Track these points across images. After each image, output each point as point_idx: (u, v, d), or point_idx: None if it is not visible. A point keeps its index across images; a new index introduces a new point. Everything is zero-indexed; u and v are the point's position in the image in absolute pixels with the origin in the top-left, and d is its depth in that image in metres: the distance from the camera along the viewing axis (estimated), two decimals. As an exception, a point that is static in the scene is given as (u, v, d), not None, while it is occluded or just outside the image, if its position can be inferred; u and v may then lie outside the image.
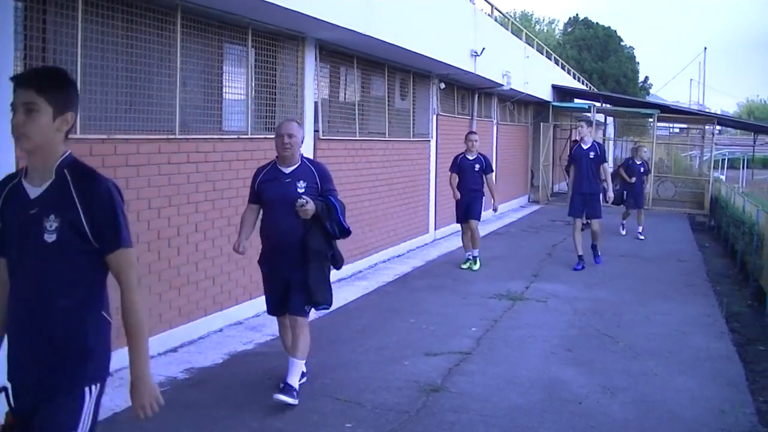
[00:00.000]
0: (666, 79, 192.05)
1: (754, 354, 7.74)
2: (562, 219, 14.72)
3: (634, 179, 15.96)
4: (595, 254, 12.52)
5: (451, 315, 8.80)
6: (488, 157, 11.93)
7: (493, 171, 11.93)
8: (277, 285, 5.90)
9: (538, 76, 21.87)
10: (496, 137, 19.79)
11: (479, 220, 11.96)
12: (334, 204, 5.74)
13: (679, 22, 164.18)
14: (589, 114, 24.15)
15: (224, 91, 8.29)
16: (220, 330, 7.83)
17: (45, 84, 2.88)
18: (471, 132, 12.64)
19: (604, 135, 31.33)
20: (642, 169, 16.48)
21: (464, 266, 11.92)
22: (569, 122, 26.75)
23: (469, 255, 12.00)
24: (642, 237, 15.90)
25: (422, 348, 7.40)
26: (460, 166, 11.70)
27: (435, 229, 15.03)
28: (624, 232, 16.48)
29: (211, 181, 7.68)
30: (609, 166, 13.22)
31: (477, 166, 11.65)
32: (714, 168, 24.88)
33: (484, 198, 11.93)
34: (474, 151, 11.68)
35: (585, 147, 12.06)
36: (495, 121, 19.71)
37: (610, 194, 12.15)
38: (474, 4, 15.01)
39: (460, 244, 14.41)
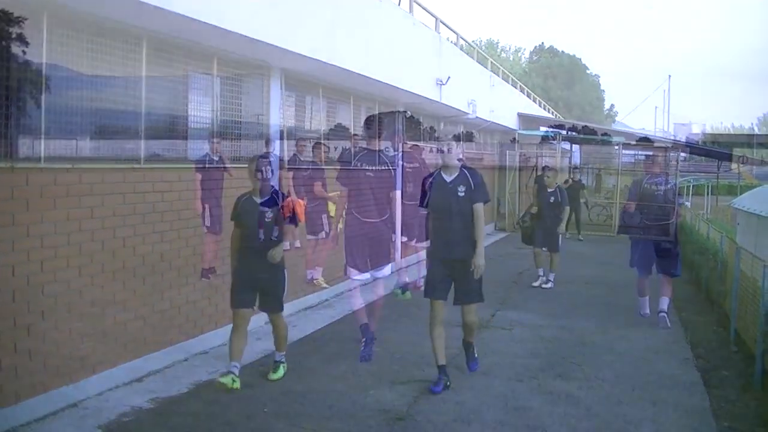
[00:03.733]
0: (631, 106, 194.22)
1: (719, 380, 7.82)
2: (529, 246, 14.16)
3: (535, 209, 13.20)
4: (469, 356, 7.68)
5: (417, 343, 8.78)
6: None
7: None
8: None
9: (504, 104, 22.09)
10: (463, 165, 19.88)
11: (282, 310, 7.19)
12: None
13: (644, 50, 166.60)
14: (542, 136, 24.31)
15: (189, 119, 8.29)
16: (186, 359, 7.76)
17: None
18: (263, 155, 7.93)
19: (570, 162, 31.65)
20: (552, 199, 13.07)
21: (223, 379, 6.61)
22: (535, 150, 26.98)
23: (235, 367, 6.73)
24: (547, 286, 12.87)
25: (388, 376, 7.40)
26: (240, 212, 6.83)
27: (400, 258, 15.00)
28: (538, 283, 13.00)
29: (176, 210, 7.66)
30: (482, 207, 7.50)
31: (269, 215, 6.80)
32: (679, 195, 25.16)
33: (286, 273, 7.11)
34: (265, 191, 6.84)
35: (448, 179, 7.11)
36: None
37: (481, 261, 7.22)
38: (439, 33, 15.14)
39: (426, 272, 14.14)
